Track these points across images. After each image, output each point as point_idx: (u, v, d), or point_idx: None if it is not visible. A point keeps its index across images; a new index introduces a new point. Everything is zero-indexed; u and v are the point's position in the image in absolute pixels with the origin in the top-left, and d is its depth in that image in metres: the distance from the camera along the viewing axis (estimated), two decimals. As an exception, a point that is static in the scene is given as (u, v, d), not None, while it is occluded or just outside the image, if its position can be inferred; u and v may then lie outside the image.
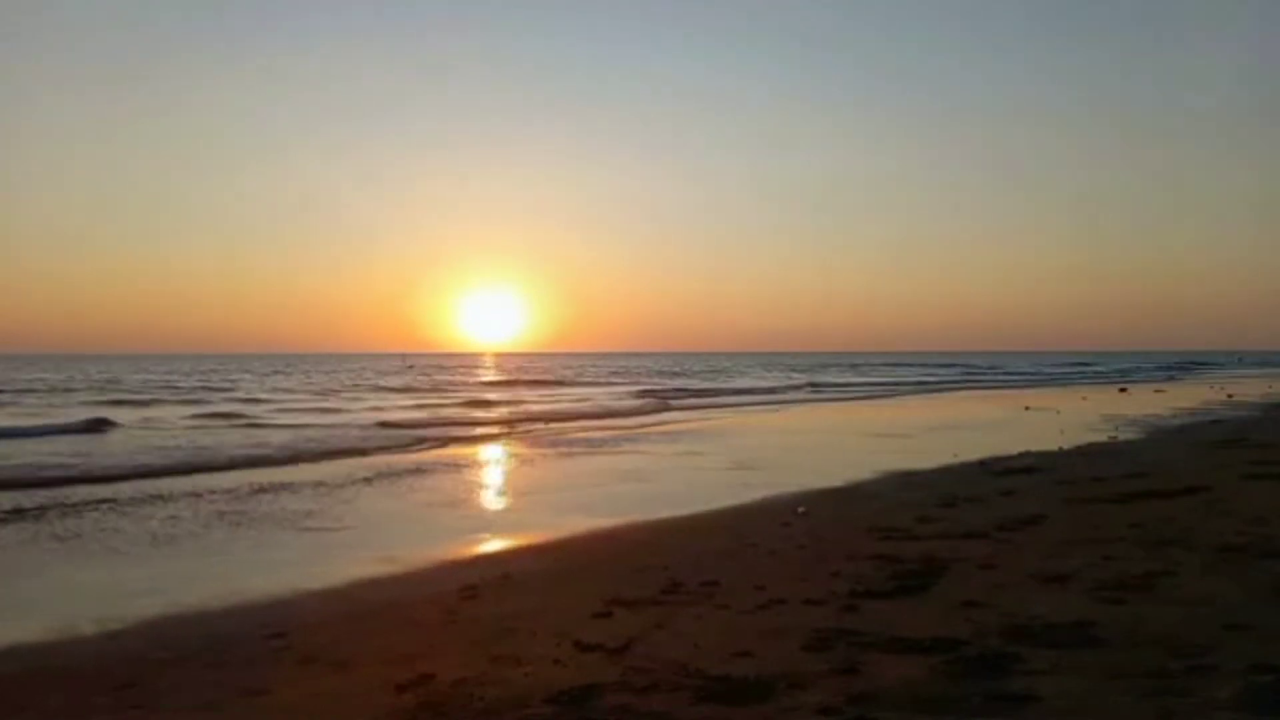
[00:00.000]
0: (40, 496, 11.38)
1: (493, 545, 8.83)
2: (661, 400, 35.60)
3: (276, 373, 72.83)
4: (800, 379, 57.20)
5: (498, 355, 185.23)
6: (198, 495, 11.57)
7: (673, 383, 53.09)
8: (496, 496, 12.33)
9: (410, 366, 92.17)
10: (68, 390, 42.41)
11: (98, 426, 22.06)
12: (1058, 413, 26.59)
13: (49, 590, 7.10)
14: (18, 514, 10.14)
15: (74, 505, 10.73)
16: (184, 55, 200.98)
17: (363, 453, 16.82)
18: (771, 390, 45.85)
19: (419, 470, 14.38)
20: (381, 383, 52.39)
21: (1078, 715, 3.46)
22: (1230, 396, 33.54)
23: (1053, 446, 16.08)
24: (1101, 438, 17.81)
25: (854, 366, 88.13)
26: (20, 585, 7.30)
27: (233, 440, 18.82)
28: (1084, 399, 34.49)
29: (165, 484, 12.66)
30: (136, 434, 20.72)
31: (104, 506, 10.66)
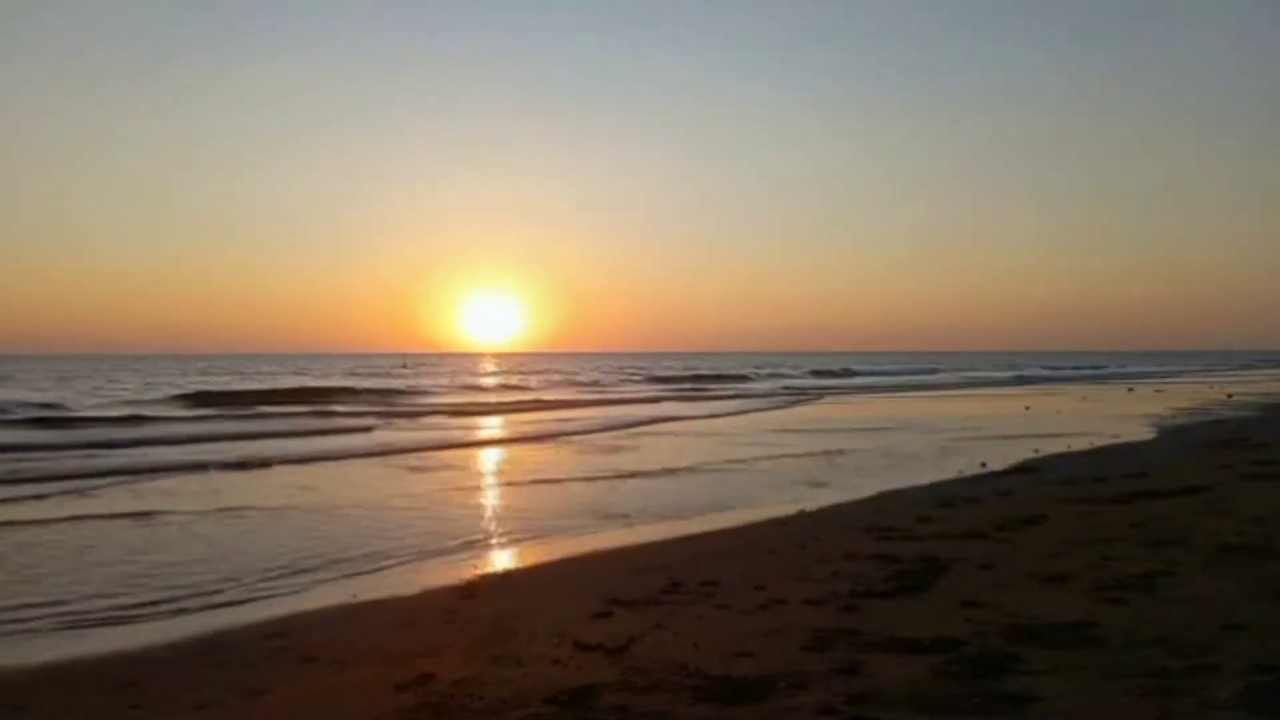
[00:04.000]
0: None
1: (497, 545, 8.82)
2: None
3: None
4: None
5: (498, 355, 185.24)
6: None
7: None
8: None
9: (404, 366, 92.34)
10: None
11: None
12: (1058, 413, 26.60)
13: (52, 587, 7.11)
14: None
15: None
16: (184, 56, 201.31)
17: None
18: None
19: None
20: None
21: (1078, 715, 3.46)
22: (1230, 396, 33.56)
23: (1053, 447, 16.09)
24: (1101, 438, 17.81)
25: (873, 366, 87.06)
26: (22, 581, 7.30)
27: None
28: (1084, 399, 34.50)
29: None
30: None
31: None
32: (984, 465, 13.62)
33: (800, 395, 40.65)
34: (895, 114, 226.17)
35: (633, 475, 13.40)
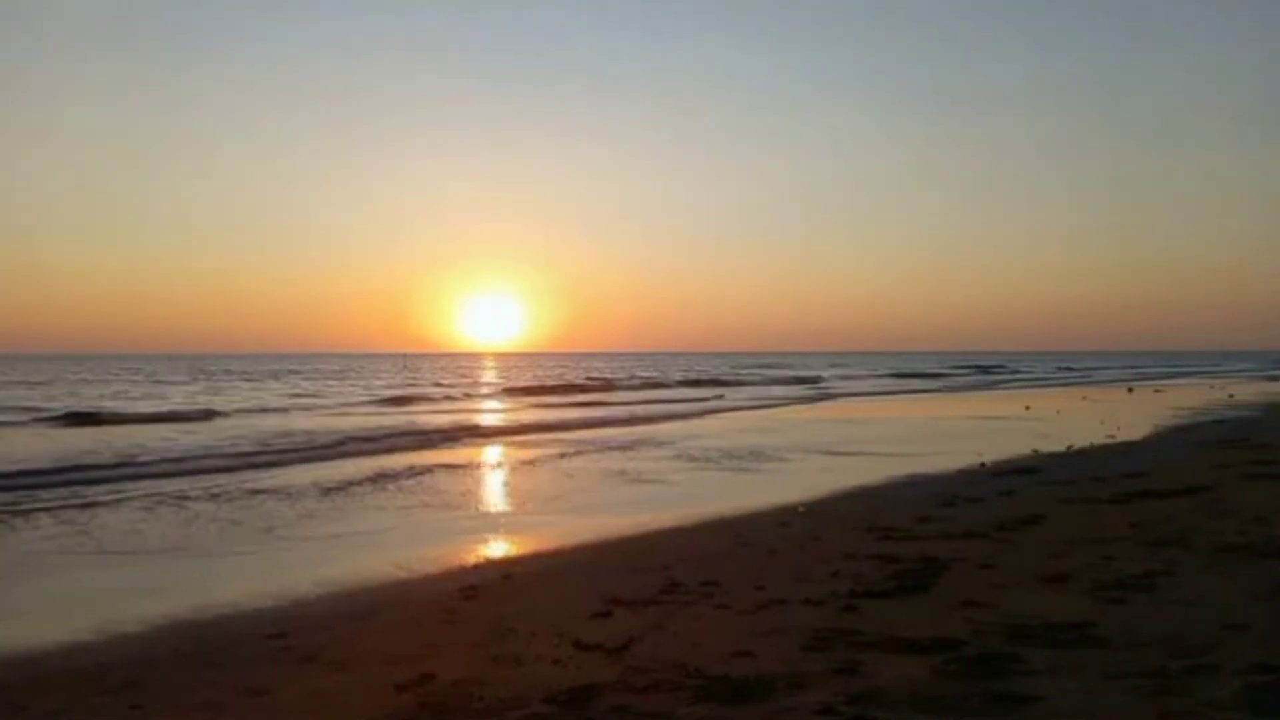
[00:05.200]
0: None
1: (496, 545, 8.82)
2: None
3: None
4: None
5: (499, 355, 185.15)
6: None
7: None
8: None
9: (404, 367, 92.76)
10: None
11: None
12: (1058, 413, 26.59)
13: (49, 589, 7.11)
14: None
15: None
16: (182, 55, 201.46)
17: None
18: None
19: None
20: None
21: (1078, 715, 3.46)
22: (1231, 396, 33.55)
23: (1053, 446, 16.08)
24: (1101, 438, 17.80)
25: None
26: (20, 583, 7.31)
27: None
28: (1084, 399, 34.49)
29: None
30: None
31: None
32: (983, 465, 13.61)
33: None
34: (917, 112, 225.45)
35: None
